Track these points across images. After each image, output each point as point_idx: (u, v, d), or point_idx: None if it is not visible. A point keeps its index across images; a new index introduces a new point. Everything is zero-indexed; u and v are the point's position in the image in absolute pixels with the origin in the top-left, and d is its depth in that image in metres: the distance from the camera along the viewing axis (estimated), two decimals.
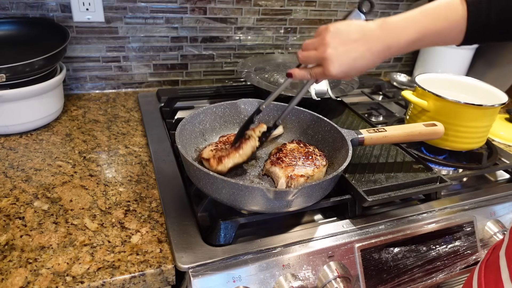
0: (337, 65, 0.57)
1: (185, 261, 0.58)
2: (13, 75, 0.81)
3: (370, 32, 0.57)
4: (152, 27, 1.12)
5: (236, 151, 0.68)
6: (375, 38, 0.57)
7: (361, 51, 0.57)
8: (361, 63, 0.57)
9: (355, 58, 0.57)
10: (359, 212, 0.72)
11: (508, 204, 0.83)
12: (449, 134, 0.88)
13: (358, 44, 0.57)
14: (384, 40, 0.57)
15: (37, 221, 0.65)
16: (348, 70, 0.58)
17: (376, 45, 0.57)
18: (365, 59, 0.57)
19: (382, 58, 0.58)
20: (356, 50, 0.57)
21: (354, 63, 0.57)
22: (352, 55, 0.57)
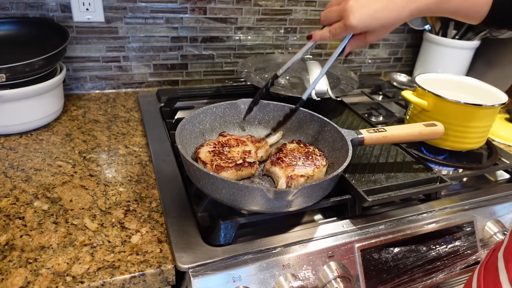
0: (358, 16, 0.56)
1: (185, 261, 0.58)
2: (13, 75, 0.81)
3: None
4: (152, 27, 1.12)
5: (236, 169, 0.68)
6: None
7: (384, 3, 0.56)
8: (383, 14, 0.56)
9: (376, 9, 0.56)
10: (359, 212, 0.72)
11: (508, 204, 0.83)
12: (449, 134, 0.88)
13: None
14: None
15: (37, 221, 0.65)
16: (370, 22, 0.57)
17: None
18: (388, 10, 0.56)
19: (408, 11, 0.56)
20: (379, 2, 0.56)
21: (376, 14, 0.56)
22: (374, 6, 0.56)
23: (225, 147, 0.73)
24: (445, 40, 1.30)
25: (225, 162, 0.68)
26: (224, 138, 0.76)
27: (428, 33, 1.36)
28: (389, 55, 1.49)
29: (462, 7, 0.56)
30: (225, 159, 0.69)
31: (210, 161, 0.68)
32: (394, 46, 1.48)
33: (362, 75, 1.49)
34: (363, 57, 1.45)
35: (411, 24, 1.38)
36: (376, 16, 0.56)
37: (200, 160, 0.69)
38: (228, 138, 0.76)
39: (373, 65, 1.49)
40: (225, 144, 0.74)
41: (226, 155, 0.71)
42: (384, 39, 1.44)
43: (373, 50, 1.45)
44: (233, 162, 0.69)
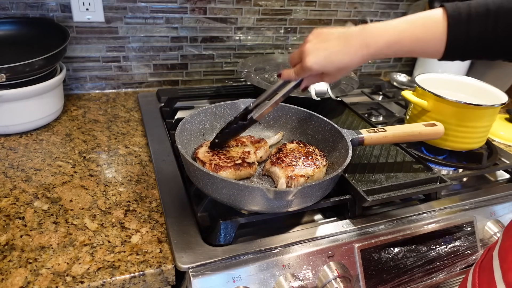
0: (313, 57, 0.58)
1: (185, 261, 0.58)
2: (13, 75, 0.81)
3: (350, 32, 0.59)
4: (152, 27, 1.12)
5: (234, 169, 0.68)
6: (354, 36, 0.58)
7: (339, 46, 0.58)
8: (338, 57, 0.58)
9: (331, 52, 0.58)
10: (359, 212, 0.72)
11: (508, 204, 0.83)
12: (449, 134, 0.88)
13: (337, 40, 0.58)
14: (362, 38, 0.58)
15: (37, 221, 0.65)
16: (324, 63, 0.59)
17: (353, 42, 0.58)
18: (342, 53, 0.58)
19: (360, 56, 0.59)
20: (334, 45, 0.58)
21: (331, 56, 0.58)
22: (330, 49, 0.58)
23: (224, 147, 0.74)
24: None
25: (224, 161, 0.69)
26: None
27: None
28: None
29: (416, 47, 0.58)
30: (224, 159, 0.69)
31: (209, 161, 0.68)
32: None
33: (362, 75, 1.49)
34: None
35: None
36: (330, 58, 0.58)
37: (198, 159, 0.69)
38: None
39: (373, 65, 1.49)
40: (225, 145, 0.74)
41: (225, 155, 0.71)
42: None
43: None
44: (232, 162, 0.69)
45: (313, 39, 0.60)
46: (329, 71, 0.60)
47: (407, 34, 0.57)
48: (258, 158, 0.75)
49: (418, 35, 0.57)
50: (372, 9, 1.35)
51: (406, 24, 0.58)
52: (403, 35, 0.57)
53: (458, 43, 0.56)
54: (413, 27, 0.57)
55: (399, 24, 0.58)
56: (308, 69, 0.60)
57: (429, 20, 0.56)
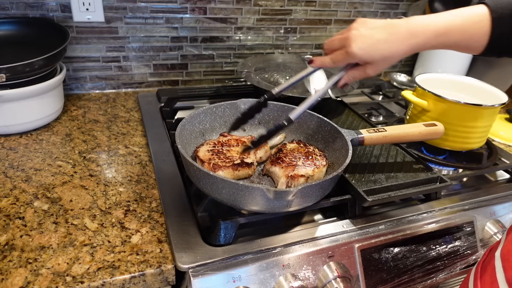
0: (360, 43, 0.57)
1: (185, 261, 0.58)
2: (13, 75, 0.81)
3: (396, 22, 0.58)
4: (152, 27, 1.12)
5: (233, 169, 0.68)
6: (401, 26, 0.58)
7: (385, 34, 0.57)
8: (384, 46, 0.58)
9: (378, 39, 0.57)
10: (359, 212, 0.72)
11: (508, 204, 0.83)
12: (449, 134, 0.88)
13: (384, 29, 0.58)
14: (410, 28, 0.57)
15: (37, 221, 0.65)
16: (370, 51, 0.58)
17: (401, 30, 0.57)
18: (389, 42, 0.57)
19: (408, 45, 0.58)
20: (381, 33, 0.57)
21: (377, 44, 0.57)
22: (376, 36, 0.57)
23: (224, 146, 0.73)
24: None
25: (223, 161, 0.68)
26: (225, 138, 0.76)
27: None
28: None
29: (461, 40, 0.58)
30: (223, 158, 0.69)
31: (208, 160, 0.68)
32: None
33: None
34: None
35: None
36: (377, 46, 0.58)
37: (198, 158, 0.69)
38: (228, 138, 0.76)
39: None
40: (225, 144, 0.74)
41: (224, 155, 0.71)
42: None
43: None
44: (230, 162, 0.69)
45: (358, 26, 0.58)
46: (374, 59, 0.59)
47: (455, 24, 0.57)
48: (258, 159, 0.75)
49: (465, 27, 0.57)
50: (372, 9, 1.35)
51: (453, 16, 0.57)
52: (451, 26, 0.57)
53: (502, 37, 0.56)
54: (461, 18, 0.57)
55: (446, 15, 0.58)
56: (353, 55, 0.58)
57: (474, 14, 0.56)
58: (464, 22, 0.57)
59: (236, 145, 0.75)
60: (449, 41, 0.58)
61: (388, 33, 0.57)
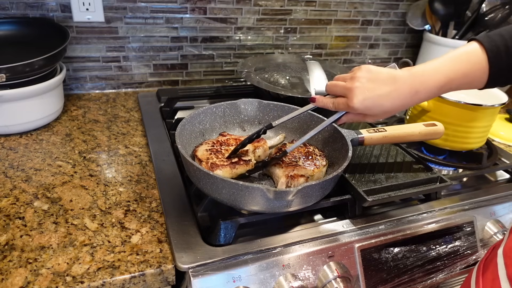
0: (361, 98, 0.58)
1: (185, 261, 0.58)
2: (13, 75, 0.81)
3: (399, 76, 0.59)
4: (152, 27, 1.12)
5: (230, 167, 0.68)
6: (403, 81, 0.58)
7: (388, 90, 0.58)
8: (386, 101, 0.58)
9: (380, 95, 0.58)
10: (359, 212, 0.72)
11: (508, 204, 0.83)
12: (449, 134, 0.88)
13: (386, 84, 0.58)
14: (412, 84, 0.58)
15: (37, 221, 0.65)
16: (371, 106, 0.59)
17: (403, 87, 0.58)
18: (391, 98, 0.58)
19: (409, 101, 0.59)
20: (383, 89, 0.58)
21: (379, 99, 0.58)
22: (378, 92, 0.58)
23: (223, 146, 0.74)
24: (445, 40, 1.30)
25: (220, 160, 0.69)
26: (224, 137, 0.76)
27: (428, 33, 1.36)
28: (389, 55, 1.49)
29: (464, 84, 0.59)
30: (221, 158, 0.70)
31: (206, 159, 0.68)
32: (394, 46, 1.48)
33: None
34: (363, 57, 1.45)
35: (411, 24, 1.39)
36: (378, 101, 0.58)
37: (196, 158, 0.70)
38: (227, 138, 0.76)
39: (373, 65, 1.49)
40: (224, 143, 0.74)
41: (223, 154, 0.71)
42: (384, 39, 1.44)
43: (373, 50, 1.45)
44: (228, 161, 0.69)
45: (361, 76, 0.59)
46: (374, 113, 0.60)
47: (455, 72, 0.58)
48: (256, 157, 0.75)
49: (465, 71, 0.57)
50: (372, 9, 1.35)
51: (451, 62, 0.58)
52: (452, 75, 0.58)
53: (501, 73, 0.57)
54: (459, 64, 0.58)
55: (445, 63, 0.58)
56: (354, 109, 0.59)
57: (471, 55, 0.57)
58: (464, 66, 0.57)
59: (235, 144, 0.75)
60: (452, 89, 0.59)
61: (390, 89, 0.58)
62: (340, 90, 0.62)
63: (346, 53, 1.42)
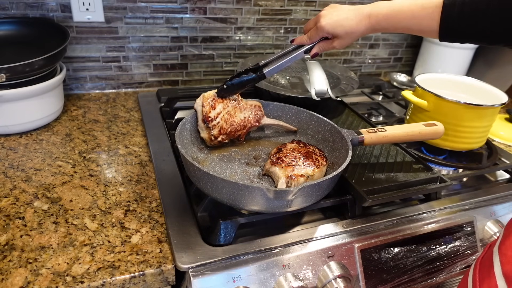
0: (328, 19, 0.72)
1: (185, 261, 0.58)
2: (13, 75, 0.81)
3: (362, 6, 0.71)
4: (152, 27, 1.12)
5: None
6: (362, 8, 0.71)
7: (348, 13, 0.71)
8: (347, 22, 0.71)
9: (342, 17, 0.71)
10: (359, 212, 0.72)
11: (508, 204, 0.83)
12: (449, 134, 0.88)
13: (348, 10, 0.72)
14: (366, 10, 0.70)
15: (37, 221, 0.65)
16: (335, 25, 0.71)
17: (360, 11, 0.71)
18: (350, 19, 0.71)
19: (364, 25, 0.71)
20: (345, 12, 0.71)
21: (341, 20, 0.71)
22: (341, 14, 0.71)
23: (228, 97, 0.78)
24: None
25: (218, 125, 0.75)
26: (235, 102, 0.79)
27: None
28: (389, 55, 1.49)
29: (412, 24, 0.66)
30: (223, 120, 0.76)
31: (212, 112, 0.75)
32: (394, 46, 1.48)
33: (362, 75, 1.49)
34: (363, 57, 1.45)
35: None
36: (340, 22, 0.71)
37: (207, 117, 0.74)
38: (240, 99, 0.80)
39: (373, 65, 1.49)
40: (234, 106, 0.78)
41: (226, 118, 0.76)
42: (384, 39, 1.44)
43: (373, 50, 1.45)
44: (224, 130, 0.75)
45: (328, 8, 0.74)
46: (338, 33, 0.72)
47: (404, 9, 0.66)
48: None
49: (414, 12, 0.65)
50: None
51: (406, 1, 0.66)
52: (400, 10, 0.67)
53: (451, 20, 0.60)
54: (410, 3, 0.65)
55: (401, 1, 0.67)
56: (322, 28, 0.72)
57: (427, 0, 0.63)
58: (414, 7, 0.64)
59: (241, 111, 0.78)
60: (400, 25, 0.68)
61: (350, 13, 0.71)
62: (312, 22, 0.76)
63: (346, 53, 1.42)
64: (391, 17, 0.67)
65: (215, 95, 0.76)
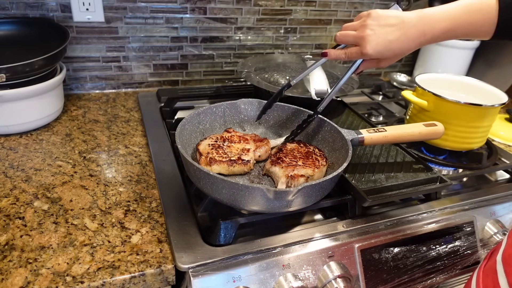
0: (374, 45, 0.62)
1: (185, 261, 0.58)
2: (13, 75, 0.81)
3: (407, 19, 0.62)
4: (152, 27, 1.12)
5: (228, 164, 0.68)
6: (412, 25, 0.62)
7: (398, 34, 0.62)
8: (396, 45, 0.62)
9: (391, 40, 0.62)
10: (359, 212, 0.72)
11: (508, 204, 0.83)
12: (449, 134, 0.88)
13: (395, 28, 0.62)
14: (419, 27, 0.61)
15: (37, 221, 0.65)
16: (383, 51, 0.63)
17: (411, 30, 0.62)
18: (401, 42, 0.62)
19: (417, 43, 0.63)
20: (393, 33, 0.62)
21: (390, 44, 0.62)
22: (389, 37, 0.62)
23: (226, 142, 0.74)
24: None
25: (220, 156, 0.69)
26: (229, 134, 0.77)
27: None
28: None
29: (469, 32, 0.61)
30: (221, 153, 0.70)
31: (206, 153, 0.69)
32: None
33: (362, 75, 1.49)
34: None
35: None
36: (389, 46, 0.62)
37: (198, 151, 0.70)
38: (232, 135, 0.77)
39: None
40: (227, 140, 0.75)
41: (224, 150, 0.71)
42: None
43: None
44: (227, 157, 0.69)
45: (371, 23, 0.62)
46: (386, 57, 0.64)
47: (462, 20, 0.60)
48: (257, 157, 0.74)
49: (472, 21, 0.60)
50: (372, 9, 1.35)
51: (460, 10, 0.60)
52: (458, 21, 0.60)
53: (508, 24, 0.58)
54: (468, 12, 0.60)
55: (453, 10, 0.61)
56: (368, 56, 0.64)
57: (483, 4, 0.59)
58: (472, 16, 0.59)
59: (238, 142, 0.75)
60: (457, 35, 0.62)
61: (400, 33, 0.62)
62: (352, 39, 0.65)
63: None
64: (449, 31, 0.61)
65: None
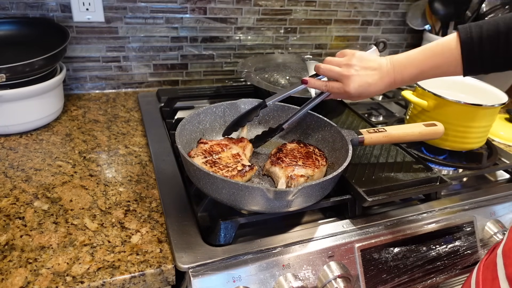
0: (357, 85, 0.67)
1: (185, 261, 0.58)
2: (13, 75, 0.81)
3: (383, 66, 0.68)
4: (152, 27, 1.12)
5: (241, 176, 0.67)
6: (385, 71, 0.68)
7: (376, 79, 0.67)
8: (373, 88, 0.68)
9: (370, 83, 0.67)
10: (359, 212, 0.72)
11: (508, 204, 0.83)
12: (449, 134, 0.88)
13: (375, 72, 0.67)
14: (391, 73, 0.67)
15: (37, 221, 0.65)
16: (362, 92, 0.68)
17: (385, 76, 0.68)
18: (377, 86, 0.68)
19: (388, 88, 0.69)
20: (372, 77, 0.67)
21: (369, 87, 0.67)
22: (369, 80, 0.67)
23: (213, 154, 0.71)
24: None
25: (226, 171, 0.67)
26: (206, 145, 0.73)
27: (428, 33, 1.36)
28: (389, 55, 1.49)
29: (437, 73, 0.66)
30: (224, 168, 0.67)
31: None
32: (394, 46, 1.48)
33: None
34: None
35: (411, 24, 1.39)
36: (368, 89, 0.68)
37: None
38: (210, 145, 0.73)
39: None
40: (212, 152, 0.71)
41: (219, 163, 0.69)
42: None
43: None
44: (234, 170, 0.67)
45: (356, 64, 0.67)
46: (362, 97, 0.69)
47: (427, 64, 0.65)
48: (248, 158, 0.74)
49: (437, 63, 0.64)
50: (372, 9, 1.35)
51: (423, 56, 0.66)
52: (423, 67, 0.65)
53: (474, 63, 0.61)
54: (430, 57, 0.65)
55: (418, 55, 0.66)
56: (349, 94, 0.68)
57: (445, 48, 0.63)
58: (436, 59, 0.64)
59: (222, 151, 0.72)
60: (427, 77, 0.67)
61: (377, 77, 0.67)
62: (336, 75, 0.69)
63: None
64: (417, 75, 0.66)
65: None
